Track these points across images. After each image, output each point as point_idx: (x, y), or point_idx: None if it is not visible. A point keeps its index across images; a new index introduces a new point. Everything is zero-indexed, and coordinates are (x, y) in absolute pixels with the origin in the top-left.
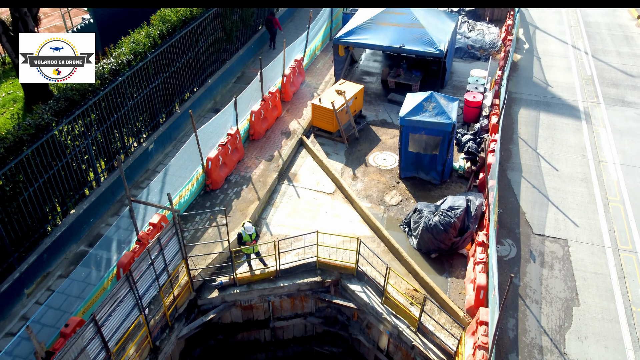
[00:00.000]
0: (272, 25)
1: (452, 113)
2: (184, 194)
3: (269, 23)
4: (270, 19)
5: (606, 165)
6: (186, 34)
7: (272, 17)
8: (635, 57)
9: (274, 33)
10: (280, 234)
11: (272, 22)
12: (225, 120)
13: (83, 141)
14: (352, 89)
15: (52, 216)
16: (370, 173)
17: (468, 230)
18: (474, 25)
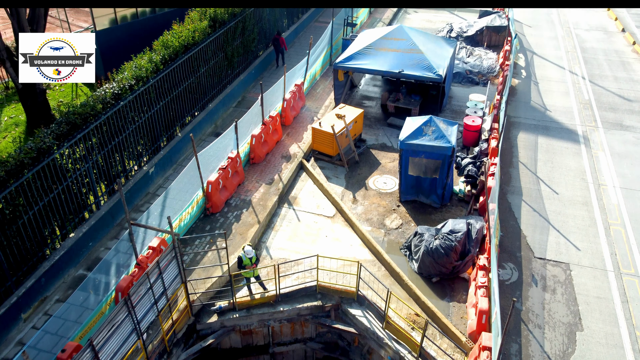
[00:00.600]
0: (279, 45)
1: (451, 137)
2: (184, 218)
3: (276, 42)
4: (277, 38)
5: (606, 188)
6: (188, 59)
7: (279, 37)
8: (632, 82)
9: (280, 52)
10: (280, 258)
11: (279, 41)
12: (225, 144)
13: (84, 164)
14: (352, 113)
15: (51, 240)
16: (370, 196)
17: (469, 253)
18: (472, 50)
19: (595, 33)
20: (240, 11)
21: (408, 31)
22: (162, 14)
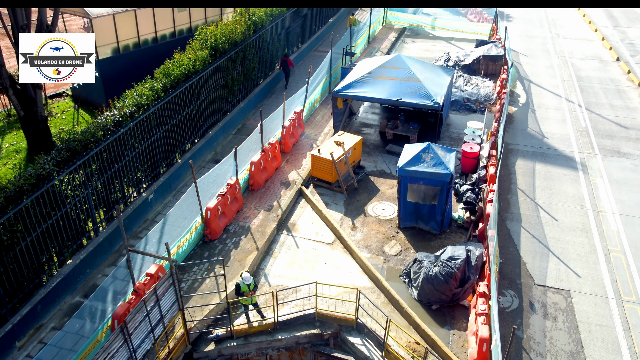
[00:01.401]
0: (287, 66)
1: (449, 163)
2: (182, 244)
3: (284, 63)
4: (285, 59)
5: (605, 215)
6: (188, 87)
7: (287, 58)
8: (629, 110)
9: (288, 72)
10: (278, 285)
11: (287, 62)
12: (225, 171)
13: (83, 191)
14: (351, 140)
15: (48, 266)
16: (369, 223)
17: (469, 280)
18: (469, 79)
19: (590, 62)
20: (240, 40)
21: (406, 60)
22: (164, 43)
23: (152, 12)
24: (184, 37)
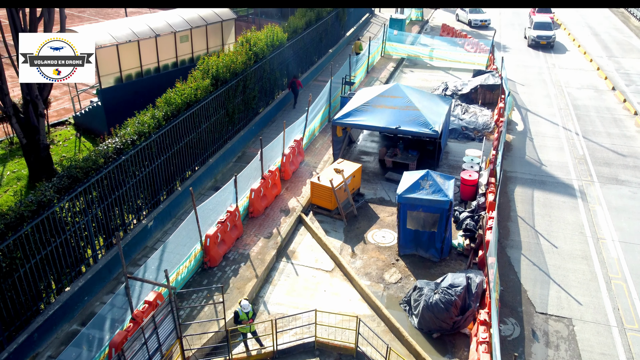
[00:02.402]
0: (296, 86)
1: (448, 191)
2: (181, 272)
3: (293, 84)
4: (294, 80)
5: (605, 242)
6: (190, 115)
7: (296, 79)
8: (625, 138)
9: (297, 92)
10: (277, 313)
11: (295, 83)
12: (225, 198)
13: (83, 218)
14: (350, 167)
15: (46, 294)
16: (369, 250)
17: (469, 308)
18: (467, 108)
19: (586, 91)
20: (241, 70)
21: (404, 89)
22: (166, 73)
23: (154, 42)
24: (186, 66)
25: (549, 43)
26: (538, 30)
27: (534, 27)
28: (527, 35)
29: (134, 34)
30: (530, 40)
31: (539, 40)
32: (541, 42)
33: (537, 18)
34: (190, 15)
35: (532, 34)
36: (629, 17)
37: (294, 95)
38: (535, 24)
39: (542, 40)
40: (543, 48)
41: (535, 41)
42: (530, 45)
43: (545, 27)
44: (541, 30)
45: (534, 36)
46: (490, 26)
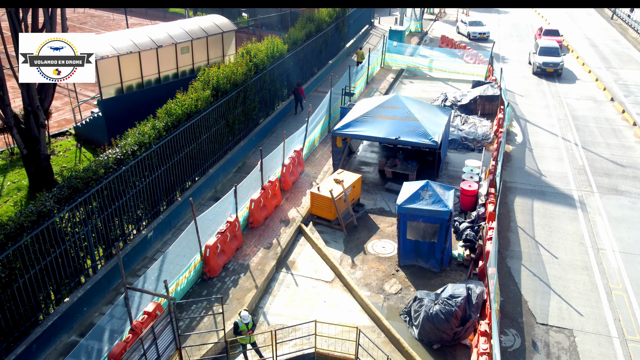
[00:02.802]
0: (299, 94)
1: (448, 201)
2: (180, 282)
3: (296, 92)
4: (297, 88)
5: (605, 253)
6: (190, 126)
7: (299, 87)
8: (624, 149)
9: (299, 99)
10: (277, 324)
11: (298, 91)
12: (225, 208)
13: (83, 228)
14: (350, 178)
15: (45, 304)
16: (369, 261)
17: (470, 319)
18: (466, 119)
19: (585, 102)
20: (242, 81)
21: (404, 100)
22: (167, 84)
23: (155, 53)
24: (186, 77)
25: (557, 71)
26: (544, 56)
27: (540, 52)
28: (531, 61)
29: (135, 45)
30: (536, 68)
31: (545, 68)
32: (547, 70)
33: (543, 42)
34: (191, 27)
35: (538, 61)
36: (627, 28)
37: (296, 102)
38: (541, 50)
39: (549, 68)
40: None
41: (542, 68)
42: (536, 73)
43: (553, 53)
44: (548, 56)
45: (539, 63)
46: (490, 39)
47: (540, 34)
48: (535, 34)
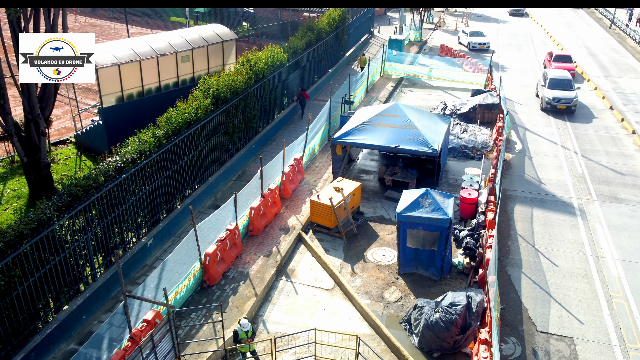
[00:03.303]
0: (303, 98)
1: (448, 209)
2: (180, 290)
3: (301, 96)
4: (302, 93)
5: (605, 261)
6: (190, 134)
7: (303, 92)
8: (624, 157)
9: (304, 104)
10: (277, 332)
11: (303, 95)
12: (224, 216)
13: (83, 236)
14: (350, 186)
15: (44, 312)
16: (369, 269)
17: (470, 327)
18: (466, 127)
19: (584, 110)
20: (242, 90)
21: (403, 108)
22: (167, 92)
23: (156, 62)
24: (187, 86)
25: (569, 108)
26: (555, 89)
27: (550, 84)
28: (539, 94)
29: (136, 54)
30: (545, 103)
31: (556, 104)
32: (559, 107)
33: (554, 73)
34: (191, 36)
35: (547, 95)
36: (625, 37)
37: (300, 107)
38: (551, 82)
39: (560, 105)
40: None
41: (551, 105)
42: (545, 110)
43: (565, 86)
44: (559, 89)
45: (548, 98)
46: (490, 49)
47: (550, 59)
48: (544, 60)
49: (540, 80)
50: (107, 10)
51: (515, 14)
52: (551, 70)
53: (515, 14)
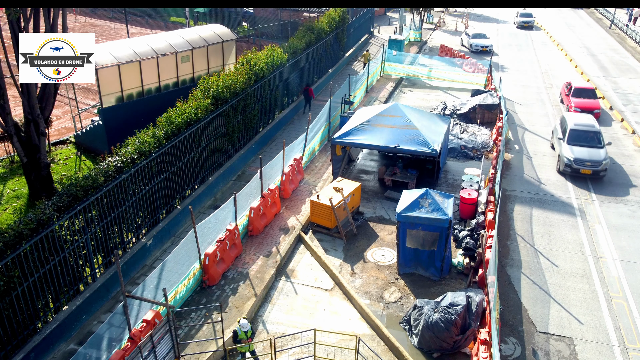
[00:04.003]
0: (308, 94)
1: (448, 209)
2: (179, 290)
3: (306, 92)
4: (307, 89)
5: (605, 261)
6: (190, 134)
7: (308, 88)
8: (623, 157)
9: (309, 99)
10: (276, 332)
11: (308, 91)
12: (224, 216)
13: (82, 236)
14: (350, 186)
15: (43, 312)
16: (368, 269)
17: (470, 327)
18: (465, 127)
19: None
20: (241, 90)
21: (403, 108)
22: (167, 92)
23: (156, 62)
24: (187, 86)
25: (597, 173)
26: (576, 145)
27: (570, 138)
28: (557, 151)
29: (136, 54)
30: (564, 165)
31: (579, 168)
32: (582, 171)
33: (575, 119)
34: (191, 36)
35: (567, 155)
36: (625, 38)
37: (305, 102)
38: (573, 134)
39: (585, 169)
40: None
41: (573, 168)
42: (563, 173)
43: (591, 140)
44: (581, 144)
45: (569, 159)
46: (493, 51)
47: (569, 94)
48: (561, 93)
49: (557, 129)
50: (107, 10)
51: (524, 26)
52: (571, 116)
53: (524, 26)
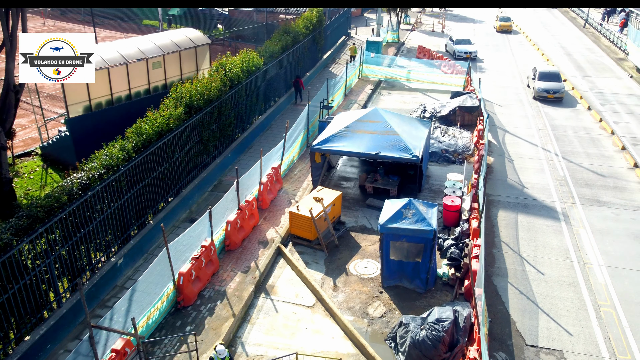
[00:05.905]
0: (299, 85)
1: (432, 219)
2: (152, 314)
3: (297, 84)
4: (297, 80)
5: (591, 267)
6: (162, 145)
7: (299, 79)
8: (604, 158)
9: (300, 90)
10: (256, 355)
11: (299, 82)
12: (199, 232)
13: (45, 260)
14: (330, 195)
15: (3, 345)
16: (351, 283)
17: (458, 344)
18: (446, 130)
19: (562, 111)
20: (216, 97)
21: (383, 114)
22: (138, 100)
23: (125, 69)
24: (159, 93)
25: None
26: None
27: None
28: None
29: (104, 61)
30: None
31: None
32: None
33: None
34: (163, 41)
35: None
36: (599, 37)
37: (296, 92)
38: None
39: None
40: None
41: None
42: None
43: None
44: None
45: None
46: (478, 57)
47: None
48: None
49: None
50: (77, 13)
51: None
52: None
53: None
